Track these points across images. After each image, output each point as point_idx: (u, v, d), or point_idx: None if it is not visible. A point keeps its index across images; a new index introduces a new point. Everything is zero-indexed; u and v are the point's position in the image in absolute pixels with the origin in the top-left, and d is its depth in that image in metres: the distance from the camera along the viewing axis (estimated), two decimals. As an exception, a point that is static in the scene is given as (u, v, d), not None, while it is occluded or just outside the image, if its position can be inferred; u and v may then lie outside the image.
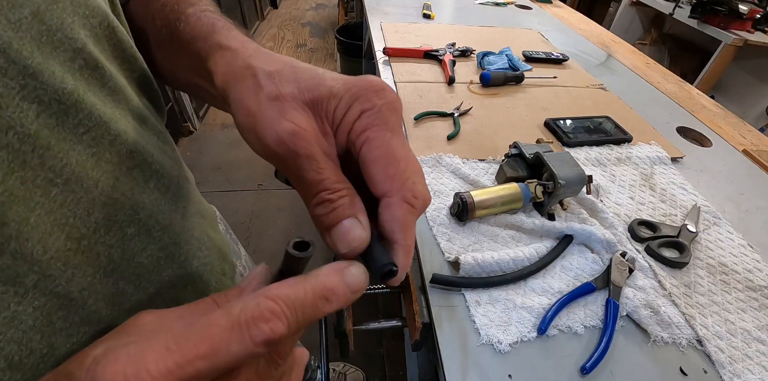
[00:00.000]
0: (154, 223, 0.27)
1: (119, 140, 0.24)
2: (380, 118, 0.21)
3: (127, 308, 0.26)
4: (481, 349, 0.43)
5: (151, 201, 0.27)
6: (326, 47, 3.45)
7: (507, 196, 0.55)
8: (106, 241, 0.23)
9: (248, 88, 0.21)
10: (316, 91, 0.21)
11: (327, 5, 4.42)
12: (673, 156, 0.75)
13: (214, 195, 1.83)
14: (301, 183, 0.20)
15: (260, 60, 0.23)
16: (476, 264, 0.48)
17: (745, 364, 0.44)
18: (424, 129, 0.76)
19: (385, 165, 0.20)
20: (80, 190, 0.21)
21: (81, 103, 0.21)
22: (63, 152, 0.20)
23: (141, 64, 0.28)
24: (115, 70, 0.24)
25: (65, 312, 0.21)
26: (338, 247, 0.19)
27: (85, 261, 0.22)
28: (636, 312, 0.47)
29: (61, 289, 0.21)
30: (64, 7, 0.20)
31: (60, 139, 0.20)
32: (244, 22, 3.29)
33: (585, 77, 1.03)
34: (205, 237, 0.36)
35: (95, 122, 0.22)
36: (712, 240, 0.59)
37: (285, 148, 0.19)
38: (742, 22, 1.84)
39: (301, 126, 0.20)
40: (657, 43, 2.54)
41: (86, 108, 0.21)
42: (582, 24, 1.50)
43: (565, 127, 0.78)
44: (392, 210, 0.20)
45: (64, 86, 0.20)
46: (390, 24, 1.22)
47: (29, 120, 0.18)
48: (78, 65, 0.21)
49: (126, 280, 0.25)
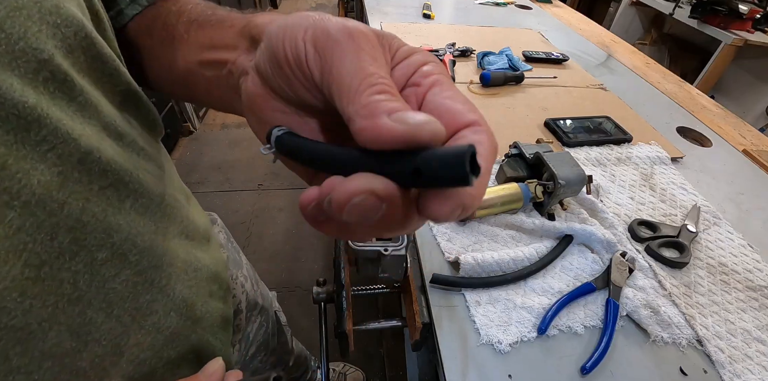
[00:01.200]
0: (131, 247, 0.25)
1: (91, 158, 0.22)
2: (444, 70, 0.19)
3: (96, 338, 0.24)
4: (481, 349, 0.43)
5: (127, 223, 0.25)
6: (326, 47, 3.45)
7: (507, 196, 0.55)
8: (72, 267, 0.21)
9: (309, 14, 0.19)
10: (379, 31, 0.19)
11: (327, 5, 4.42)
12: (673, 156, 0.75)
13: (214, 195, 1.83)
14: (356, 73, 0.16)
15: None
16: (476, 264, 0.48)
17: (745, 364, 0.44)
18: (424, 129, 0.76)
19: (464, 102, 0.18)
20: (42, 213, 0.19)
21: (45, 118, 0.19)
22: (22, 172, 0.18)
23: (126, 78, 0.27)
24: (87, 84, 0.23)
25: (23, 347, 0.19)
26: (409, 119, 0.14)
27: (46, 290, 0.20)
28: (636, 312, 0.47)
29: (17, 322, 0.19)
30: (30, 15, 0.19)
31: (19, 157, 0.18)
32: (244, 22, 3.28)
33: (585, 77, 1.03)
34: (192, 258, 0.34)
35: (62, 139, 0.20)
36: (712, 240, 0.59)
37: (349, 39, 0.17)
38: (742, 22, 1.84)
39: (371, 31, 0.18)
40: (657, 43, 2.54)
41: (51, 123, 0.19)
42: (582, 24, 1.50)
43: (565, 127, 0.78)
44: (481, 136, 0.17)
45: (25, 100, 0.18)
46: (390, 24, 1.22)
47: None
48: (42, 78, 0.19)
49: (94, 309, 0.23)
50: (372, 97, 0.15)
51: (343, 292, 0.52)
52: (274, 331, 0.66)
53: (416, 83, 0.18)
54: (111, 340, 0.25)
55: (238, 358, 0.51)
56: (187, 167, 1.96)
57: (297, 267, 1.53)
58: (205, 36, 0.26)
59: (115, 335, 0.25)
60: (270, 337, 0.63)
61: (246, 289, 0.54)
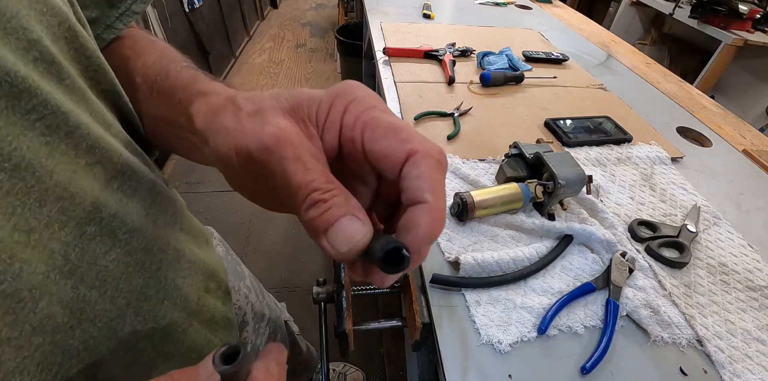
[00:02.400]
0: (120, 224, 0.25)
1: (78, 133, 0.22)
2: (367, 103, 0.20)
3: (91, 318, 0.23)
4: (481, 349, 0.43)
5: (115, 201, 0.25)
6: (326, 47, 3.45)
7: (507, 196, 0.55)
8: (61, 237, 0.21)
9: (228, 113, 0.21)
10: (295, 98, 0.21)
11: (327, 5, 4.42)
12: (673, 156, 0.75)
13: (214, 195, 1.83)
14: (289, 190, 0.18)
15: (240, 93, 0.23)
16: (476, 264, 0.48)
17: (745, 364, 0.44)
18: (424, 129, 0.76)
19: (395, 133, 0.19)
20: (31, 178, 0.19)
21: (35, 89, 0.19)
22: (12, 136, 0.18)
23: (111, 78, 0.27)
24: (74, 72, 0.23)
25: (13, 317, 0.19)
26: (337, 247, 0.18)
27: (37, 257, 0.20)
28: (636, 312, 0.47)
29: (7, 287, 0.19)
30: (20, 0, 0.19)
31: (9, 122, 0.18)
32: (244, 22, 3.29)
33: (585, 77, 1.03)
34: (186, 250, 0.34)
35: (51, 111, 0.20)
36: (712, 240, 0.59)
37: (269, 153, 0.18)
38: (742, 22, 1.84)
39: (283, 129, 0.19)
40: (657, 43, 2.54)
41: (41, 95, 0.20)
42: (582, 24, 1.50)
43: (565, 127, 0.78)
44: (420, 167, 0.18)
45: (17, 70, 0.18)
46: (390, 24, 1.22)
47: None
48: (32, 56, 0.20)
49: (87, 285, 0.23)
50: (307, 214, 0.18)
51: (343, 292, 0.52)
52: (285, 342, 0.66)
53: (350, 138, 0.20)
54: (106, 322, 0.25)
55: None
56: (187, 167, 1.96)
57: (297, 267, 1.53)
58: (163, 110, 0.28)
59: (110, 318, 0.25)
60: None
61: (251, 300, 0.54)
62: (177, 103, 0.26)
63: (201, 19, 2.33)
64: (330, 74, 3.04)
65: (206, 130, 0.22)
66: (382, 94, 0.88)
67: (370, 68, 1.84)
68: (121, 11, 0.31)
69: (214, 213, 1.75)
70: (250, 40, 3.42)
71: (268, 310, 0.60)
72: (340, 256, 0.18)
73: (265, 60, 3.19)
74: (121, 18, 0.31)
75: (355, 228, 0.18)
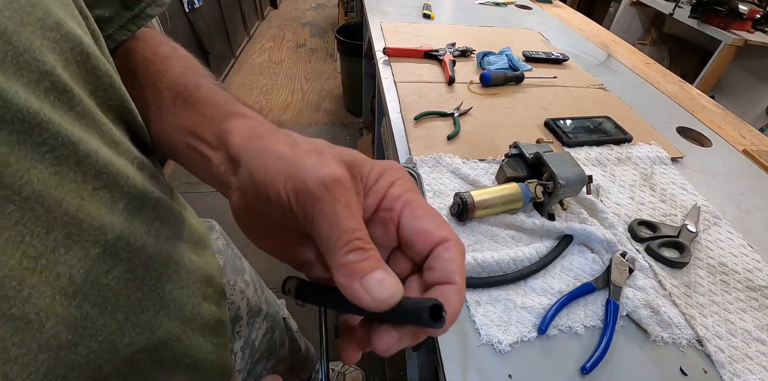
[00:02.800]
0: (124, 245, 0.26)
1: (87, 161, 0.23)
2: (411, 186, 0.23)
3: (92, 334, 0.24)
4: (481, 349, 0.43)
5: (120, 222, 0.26)
6: (326, 47, 3.45)
7: (507, 196, 0.55)
8: (67, 261, 0.22)
9: (282, 141, 0.22)
10: (351, 156, 0.22)
11: (327, 5, 4.42)
12: (673, 156, 0.75)
13: (215, 195, 1.83)
14: (332, 230, 0.19)
15: (292, 132, 0.24)
16: (476, 264, 0.48)
17: (745, 364, 0.44)
18: (424, 129, 0.76)
19: (433, 218, 0.21)
20: (40, 208, 0.20)
21: (47, 123, 0.20)
22: (23, 170, 0.19)
23: (121, 94, 0.28)
24: (85, 96, 0.24)
25: (20, 337, 0.20)
26: (376, 294, 0.18)
27: (44, 281, 0.21)
28: (636, 312, 0.47)
29: (16, 312, 0.20)
30: (33, 30, 0.20)
31: (20, 156, 0.19)
32: (244, 22, 3.29)
33: (585, 77, 1.03)
34: (185, 260, 0.35)
35: (61, 142, 0.21)
36: (712, 240, 0.59)
37: (326, 191, 0.19)
38: (742, 22, 1.84)
39: (343, 175, 0.20)
40: (657, 43, 2.54)
41: (52, 128, 0.21)
42: (582, 24, 1.50)
43: (565, 127, 0.78)
44: (452, 252, 0.21)
45: (29, 105, 0.19)
46: (390, 24, 1.22)
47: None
48: (44, 87, 0.21)
49: (90, 304, 0.24)
50: (347, 256, 0.19)
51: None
52: (284, 338, 0.66)
53: (389, 208, 0.22)
54: (106, 336, 0.25)
55: (242, 366, 0.51)
56: (187, 167, 1.96)
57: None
58: (187, 120, 0.28)
59: (109, 332, 0.26)
60: (278, 344, 0.63)
61: (247, 295, 0.54)
62: (207, 117, 0.27)
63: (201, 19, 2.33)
64: (330, 74, 3.04)
65: (243, 149, 0.23)
66: (381, 94, 0.89)
67: (370, 68, 1.85)
68: (135, 13, 0.31)
69: (214, 213, 1.75)
70: (250, 40, 3.42)
71: (266, 305, 0.60)
72: (375, 303, 0.18)
73: (265, 60, 3.20)
74: (135, 20, 0.32)
75: (392, 281, 0.19)
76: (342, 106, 2.64)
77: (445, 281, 0.21)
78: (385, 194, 0.22)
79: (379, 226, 0.23)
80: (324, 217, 0.19)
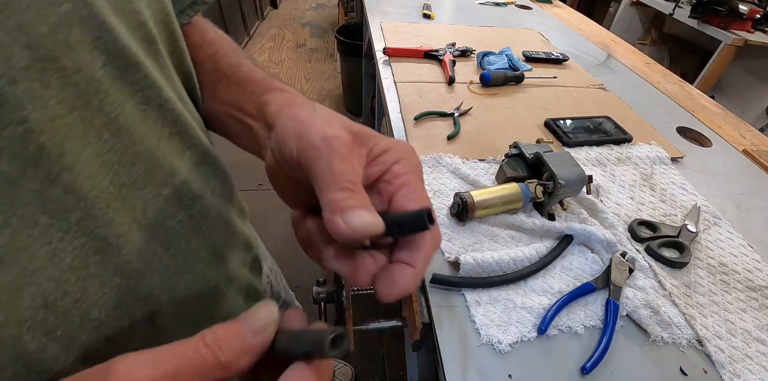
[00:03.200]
0: (186, 191, 0.28)
1: (167, 106, 0.26)
2: (416, 169, 0.24)
3: (157, 270, 0.26)
4: (481, 349, 0.43)
5: (186, 169, 0.28)
6: (326, 47, 3.45)
7: (507, 196, 0.55)
8: (143, 195, 0.24)
9: (305, 109, 0.24)
10: (362, 129, 0.24)
11: (327, 5, 4.42)
12: (673, 156, 0.75)
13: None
14: (326, 174, 0.20)
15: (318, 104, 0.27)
16: (476, 264, 0.48)
17: (745, 364, 0.44)
18: (424, 129, 0.76)
19: (417, 202, 0.23)
20: (128, 140, 0.23)
21: (141, 64, 0.23)
22: (119, 102, 0.22)
23: (189, 62, 0.31)
24: (166, 54, 0.27)
25: (101, 257, 0.22)
26: (351, 223, 0.19)
27: (124, 208, 0.23)
28: (636, 312, 0.47)
29: (100, 232, 0.22)
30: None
31: (118, 90, 0.22)
32: (244, 22, 3.29)
33: (585, 77, 1.03)
34: (232, 221, 0.37)
35: (150, 84, 0.24)
36: (712, 240, 0.59)
37: (325, 143, 0.21)
38: (742, 22, 1.84)
39: (343, 136, 0.22)
40: (657, 43, 2.54)
41: (144, 69, 0.23)
42: (582, 24, 1.50)
43: (565, 127, 0.78)
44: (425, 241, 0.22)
45: (130, 46, 0.22)
46: (390, 24, 1.22)
47: (97, 66, 0.21)
48: (140, 36, 0.24)
49: (157, 241, 0.26)
50: (335, 194, 0.20)
51: (343, 292, 0.52)
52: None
53: (388, 181, 0.23)
54: (168, 276, 0.28)
55: None
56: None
57: (297, 267, 1.53)
58: (232, 96, 0.33)
59: (171, 272, 0.28)
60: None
61: (271, 280, 0.55)
62: (249, 92, 0.31)
63: (201, 19, 2.33)
64: (330, 74, 3.04)
65: (277, 116, 0.27)
66: (381, 94, 0.88)
67: (370, 68, 1.84)
68: (193, 0, 0.35)
69: (214, 213, 1.75)
70: (250, 40, 3.42)
71: (284, 292, 0.62)
72: (349, 232, 0.19)
73: (265, 60, 3.19)
74: (193, 6, 0.35)
75: (371, 217, 0.20)
76: (342, 106, 2.64)
77: (404, 261, 0.22)
78: (389, 169, 0.23)
79: (375, 195, 0.24)
80: (321, 163, 0.21)
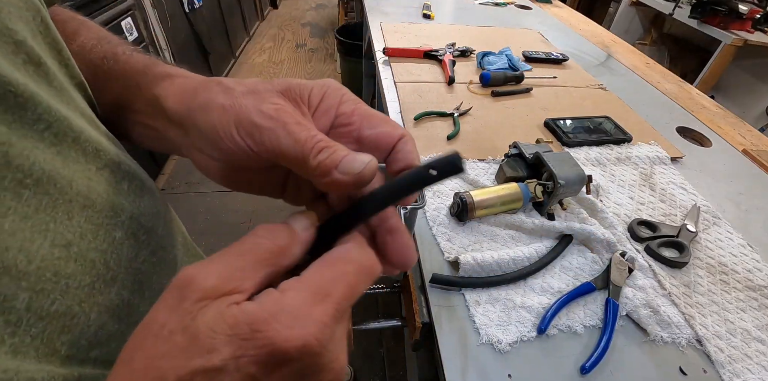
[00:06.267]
0: (138, 227, 0.25)
1: (82, 138, 0.22)
2: (356, 100, 0.24)
3: (136, 321, 0.23)
4: (481, 349, 0.43)
5: (128, 203, 0.25)
6: (326, 47, 3.45)
7: (507, 196, 0.55)
8: (98, 246, 0.21)
9: (216, 92, 0.22)
10: (285, 83, 0.23)
11: (327, 5, 4.42)
12: (672, 156, 0.75)
13: (214, 195, 1.83)
14: (295, 146, 0.20)
15: (219, 78, 0.24)
16: (476, 264, 0.48)
17: (744, 364, 0.44)
18: (424, 129, 0.76)
19: (387, 122, 0.23)
20: (54, 191, 0.19)
21: (36, 97, 0.19)
22: (27, 150, 0.18)
23: (77, 70, 0.26)
24: (56, 70, 0.22)
25: (69, 335, 0.19)
26: (351, 168, 0.19)
27: (80, 270, 0.20)
28: (636, 312, 0.47)
29: (59, 306, 0.18)
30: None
31: (21, 135, 0.18)
32: (244, 23, 3.29)
33: (585, 77, 1.03)
34: (188, 242, 0.35)
35: (55, 118, 0.20)
36: (712, 240, 0.59)
37: (272, 121, 0.20)
38: (742, 22, 1.84)
39: (282, 104, 0.21)
40: (657, 43, 2.54)
41: (42, 102, 0.19)
42: (582, 24, 1.50)
43: (565, 127, 0.78)
44: (409, 145, 0.23)
45: (15, 77, 0.18)
46: (390, 24, 1.22)
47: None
48: (22, 60, 0.19)
49: (129, 290, 0.23)
50: (316, 158, 0.19)
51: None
52: None
53: (347, 123, 0.23)
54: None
55: None
56: (187, 167, 1.96)
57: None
58: (115, 94, 0.27)
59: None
60: None
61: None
62: (134, 86, 0.26)
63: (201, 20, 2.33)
64: (330, 74, 3.04)
65: (187, 111, 0.22)
66: (381, 94, 0.89)
67: (370, 68, 1.85)
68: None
69: (214, 213, 1.75)
70: (250, 40, 3.42)
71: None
72: (357, 178, 0.19)
73: (265, 60, 3.20)
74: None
75: (364, 156, 0.20)
76: (342, 106, 2.64)
77: (409, 165, 0.23)
78: (338, 113, 0.23)
79: (342, 134, 0.24)
80: (283, 140, 0.20)
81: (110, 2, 1.47)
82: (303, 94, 0.23)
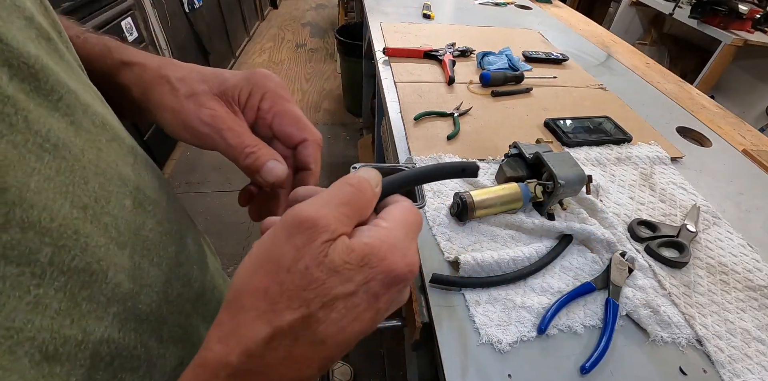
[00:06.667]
0: (144, 197, 0.27)
1: (91, 110, 0.23)
2: (277, 95, 0.29)
3: (148, 283, 0.25)
4: (481, 349, 0.43)
5: (134, 175, 0.26)
6: (326, 47, 3.45)
7: (507, 196, 0.55)
8: (110, 211, 0.23)
9: (166, 92, 0.27)
10: (222, 85, 0.28)
11: (327, 5, 4.43)
12: (672, 156, 0.75)
13: (214, 195, 1.83)
14: (229, 150, 0.27)
15: (169, 69, 0.29)
16: (476, 264, 0.48)
17: (744, 364, 0.44)
18: (424, 129, 0.76)
19: (295, 123, 0.29)
20: (70, 157, 0.20)
21: (48, 68, 0.20)
22: (43, 118, 0.19)
23: (76, 54, 0.26)
24: (63, 47, 0.23)
25: (89, 291, 0.20)
26: (268, 178, 0.28)
27: (96, 230, 0.21)
28: (636, 312, 0.47)
29: (79, 263, 0.20)
30: None
31: (37, 104, 0.19)
32: (244, 23, 3.29)
33: (585, 77, 1.03)
34: (190, 220, 0.36)
35: (66, 89, 0.21)
36: (712, 240, 0.59)
37: (209, 127, 0.27)
38: (742, 22, 1.84)
39: (216, 110, 0.27)
40: (657, 43, 2.54)
41: (54, 74, 0.20)
42: (582, 24, 1.50)
43: (565, 127, 0.78)
44: (309, 150, 0.30)
45: (28, 50, 0.19)
46: (390, 24, 1.22)
47: (4, 82, 0.17)
48: (34, 34, 0.20)
49: (139, 254, 0.25)
50: (245, 162, 0.28)
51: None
52: None
53: (263, 117, 0.30)
54: (160, 287, 0.27)
55: None
56: (187, 167, 1.96)
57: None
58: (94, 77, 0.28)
59: (162, 282, 0.27)
60: None
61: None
62: (97, 71, 0.28)
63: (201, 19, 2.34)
64: (330, 74, 3.04)
65: (147, 103, 0.28)
66: (381, 94, 0.89)
67: (370, 68, 1.85)
68: None
69: (214, 213, 1.75)
70: (250, 40, 3.42)
71: None
72: (272, 180, 0.28)
73: (265, 60, 3.20)
74: None
75: (279, 167, 0.28)
76: (342, 106, 2.64)
77: (304, 168, 0.30)
78: (258, 109, 0.29)
79: (261, 127, 0.30)
80: (219, 144, 0.27)
81: (110, 2, 1.47)
82: (234, 94, 0.28)
